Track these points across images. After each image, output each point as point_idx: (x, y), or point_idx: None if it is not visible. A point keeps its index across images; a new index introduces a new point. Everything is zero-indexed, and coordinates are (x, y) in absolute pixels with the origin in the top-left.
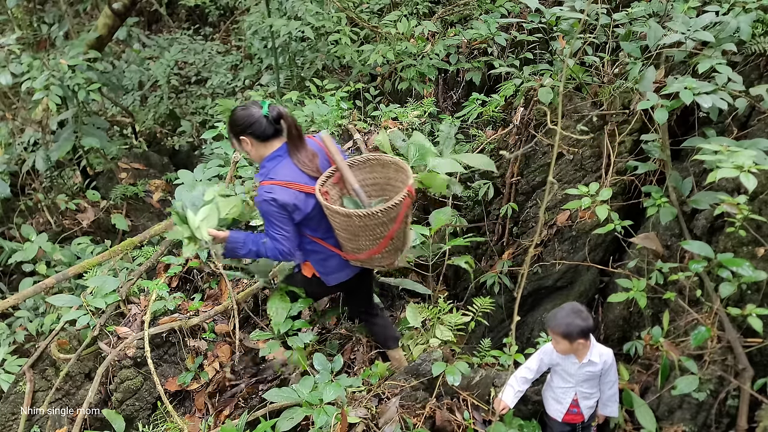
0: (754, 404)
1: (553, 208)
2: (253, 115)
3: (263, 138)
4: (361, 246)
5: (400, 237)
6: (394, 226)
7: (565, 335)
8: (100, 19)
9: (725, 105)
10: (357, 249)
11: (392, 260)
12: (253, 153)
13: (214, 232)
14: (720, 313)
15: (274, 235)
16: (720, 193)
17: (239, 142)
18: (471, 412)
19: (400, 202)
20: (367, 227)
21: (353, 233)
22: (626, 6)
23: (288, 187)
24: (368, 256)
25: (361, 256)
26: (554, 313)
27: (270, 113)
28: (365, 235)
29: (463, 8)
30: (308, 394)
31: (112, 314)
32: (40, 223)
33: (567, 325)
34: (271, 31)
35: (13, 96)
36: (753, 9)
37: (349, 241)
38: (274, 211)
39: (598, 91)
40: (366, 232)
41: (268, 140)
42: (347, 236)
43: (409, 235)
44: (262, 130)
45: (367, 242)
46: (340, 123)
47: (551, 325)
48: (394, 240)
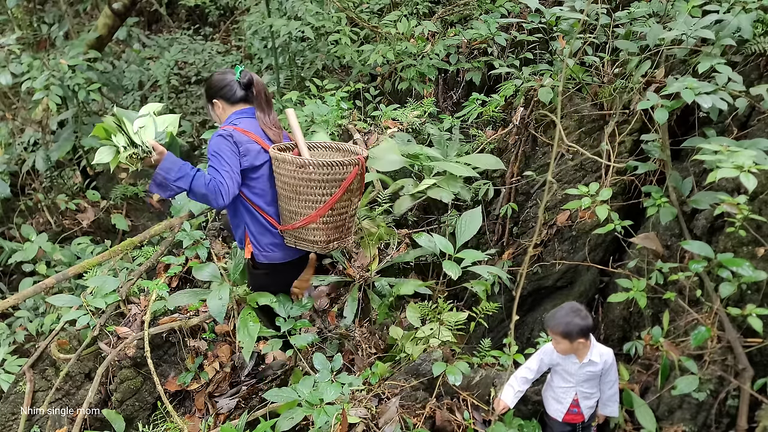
0: (754, 404)
1: (553, 208)
2: (226, 78)
3: (233, 101)
4: (300, 208)
5: (343, 214)
6: (338, 192)
7: (564, 334)
8: (100, 19)
9: (725, 105)
10: (294, 213)
11: (329, 239)
12: (223, 116)
13: (152, 142)
14: (720, 313)
15: (218, 169)
16: (720, 193)
17: (212, 106)
18: (471, 412)
19: (348, 164)
20: (308, 182)
21: (294, 189)
22: (626, 6)
23: (246, 134)
24: (306, 222)
25: (298, 224)
26: (553, 313)
27: (241, 78)
28: (305, 194)
29: (463, 8)
30: (308, 394)
31: (112, 314)
32: (40, 223)
33: (566, 324)
34: (271, 31)
35: (13, 96)
36: (753, 9)
37: (289, 202)
38: (226, 146)
39: (598, 91)
40: (306, 189)
41: (237, 104)
42: (287, 194)
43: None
44: (232, 92)
45: (305, 203)
46: (340, 123)
47: (551, 325)
48: (335, 213)
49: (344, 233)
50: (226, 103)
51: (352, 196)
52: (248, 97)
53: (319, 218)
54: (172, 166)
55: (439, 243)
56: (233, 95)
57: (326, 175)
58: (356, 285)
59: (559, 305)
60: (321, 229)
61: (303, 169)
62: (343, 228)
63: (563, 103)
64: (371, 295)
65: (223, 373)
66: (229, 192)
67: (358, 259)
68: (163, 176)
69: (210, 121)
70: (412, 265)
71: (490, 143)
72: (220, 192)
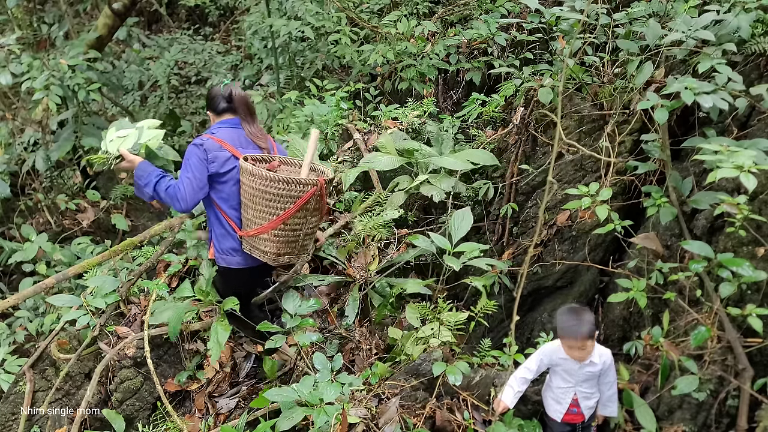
0: (754, 404)
1: (553, 208)
2: (214, 91)
3: (218, 111)
4: (255, 217)
5: (297, 231)
6: (291, 208)
7: (590, 335)
8: (100, 19)
9: (725, 105)
10: (250, 221)
11: (279, 252)
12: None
13: (124, 151)
14: (720, 313)
15: (182, 176)
16: (720, 193)
17: (210, 118)
18: (471, 412)
19: (305, 184)
20: (264, 194)
21: (251, 198)
22: (626, 6)
23: (219, 143)
24: (257, 232)
25: (252, 232)
26: (567, 322)
27: (223, 92)
28: (261, 205)
29: (463, 8)
30: (308, 394)
31: (112, 314)
32: (40, 223)
33: (590, 325)
34: (271, 31)
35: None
36: (753, 9)
37: (246, 210)
38: (195, 155)
39: (598, 91)
40: (262, 201)
41: (222, 114)
42: (246, 202)
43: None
44: (217, 104)
45: (260, 214)
46: (340, 123)
47: (573, 333)
48: (288, 228)
49: (296, 249)
50: (213, 113)
51: (309, 215)
52: (231, 108)
53: (270, 230)
54: (142, 173)
55: (437, 240)
56: (218, 106)
57: (282, 190)
58: (357, 285)
59: (560, 305)
60: (272, 241)
61: (261, 181)
62: (295, 245)
63: (563, 103)
64: (371, 294)
65: (223, 373)
66: (186, 197)
67: (358, 259)
68: (136, 181)
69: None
70: (412, 264)
71: (490, 143)
72: (176, 197)
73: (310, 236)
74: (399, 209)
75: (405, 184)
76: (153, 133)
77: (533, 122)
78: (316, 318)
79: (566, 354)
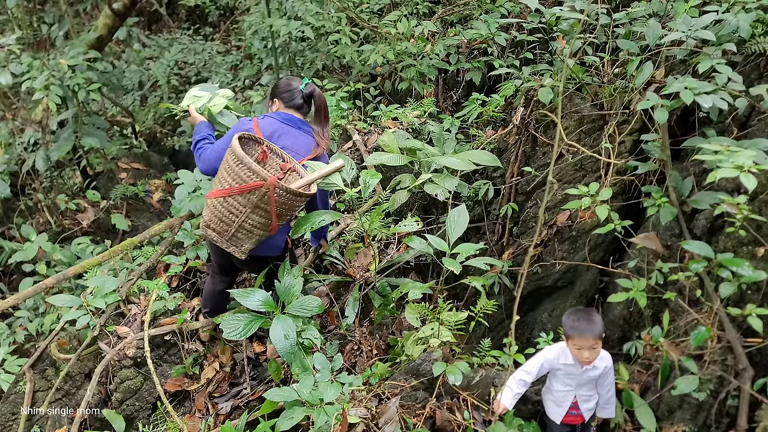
0: (754, 404)
1: (553, 208)
2: (291, 84)
3: (288, 105)
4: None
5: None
6: (235, 187)
7: (602, 335)
8: (100, 19)
9: (725, 105)
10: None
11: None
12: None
13: (192, 109)
14: (720, 313)
15: (215, 144)
16: (720, 193)
17: (271, 103)
18: (471, 412)
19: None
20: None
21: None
22: (626, 6)
23: (255, 128)
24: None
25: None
26: (579, 322)
27: (305, 89)
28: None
29: (463, 8)
30: (308, 393)
31: (112, 314)
32: (40, 223)
33: (601, 322)
34: (271, 31)
35: (13, 96)
36: (753, 9)
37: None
38: (235, 130)
39: (598, 91)
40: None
41: (290, 108)
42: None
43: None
44: (292, 98)
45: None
46: (340, 123)
47: (586, 333)
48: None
49: (226, 234)
50: (282, 103)
51: (252, 208)
52: (303, 107)
53: (213, 197)
54: (198, 130)
55: (434, 242)
56: (291, 100)
57: (236, 165)
58: (357, 285)
59: (560, 305)
60: (209, 208)
61: (230, 151)
62: (228, 228)
63: (563, 103)
64: (372, 294)
65: (223, 373)
66: (206, 161)
67: (358, 259)
68: (193, 135)
69: None
70: (412, 264)
71: (490, 143)
72: (200, 158)
73: (248, 233)
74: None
75: (407, 183)
76: (219, 101)
77: (533, 122)
78: (316, 318)
79: (574, 356)
